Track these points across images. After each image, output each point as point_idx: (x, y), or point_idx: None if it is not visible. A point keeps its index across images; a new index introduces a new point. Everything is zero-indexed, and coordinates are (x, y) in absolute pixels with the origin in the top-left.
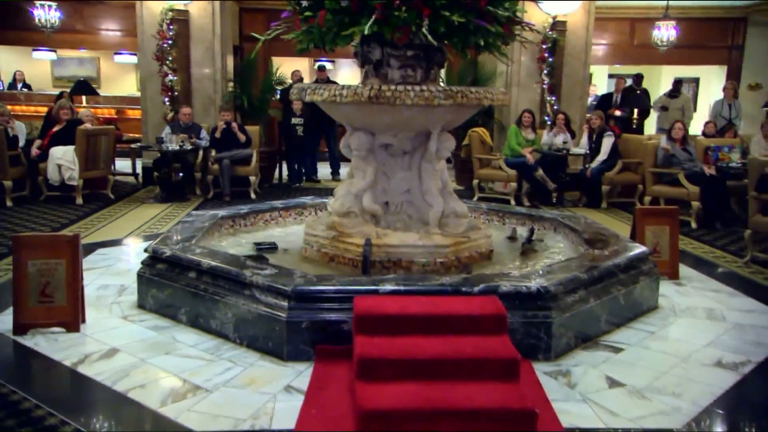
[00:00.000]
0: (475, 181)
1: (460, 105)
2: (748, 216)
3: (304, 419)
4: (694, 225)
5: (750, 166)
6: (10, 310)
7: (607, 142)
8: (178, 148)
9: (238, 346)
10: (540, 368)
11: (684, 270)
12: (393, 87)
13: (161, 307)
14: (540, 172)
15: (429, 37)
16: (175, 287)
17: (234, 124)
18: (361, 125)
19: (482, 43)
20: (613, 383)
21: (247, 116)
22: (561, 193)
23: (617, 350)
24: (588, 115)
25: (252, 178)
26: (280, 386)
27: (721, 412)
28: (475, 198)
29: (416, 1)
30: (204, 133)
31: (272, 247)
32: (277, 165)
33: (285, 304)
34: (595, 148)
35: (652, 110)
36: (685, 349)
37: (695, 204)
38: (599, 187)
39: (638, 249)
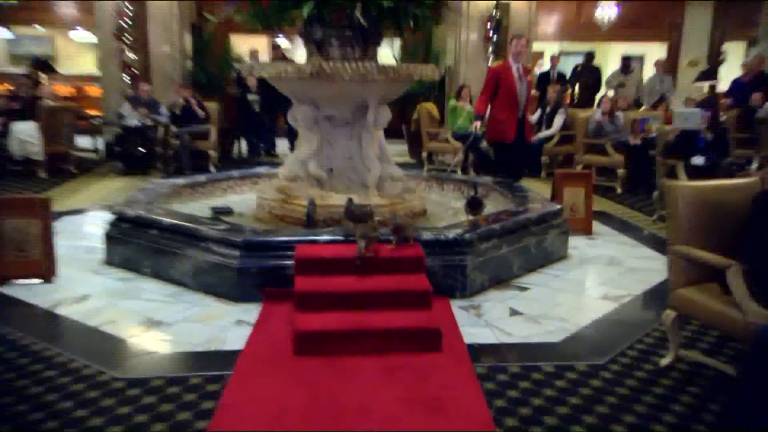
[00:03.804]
0: (425, 153)
1: (393, 80)
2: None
3: (252, 342)
4: (619, 190)
5: (658, 136)
6: None
7: (560, 119)
8: (138, 123)
9: (196, 292)
10: (456, 303)
11: (599, 227)
12: (332, 64)
13: (127, 262)
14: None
15: (362, 19)
16: (138, 243)
17: (192, 101)
18: (306, 99)
19: (413, 24)
20: (514, 313)
21: (206, 93)
22: None
23: (524, 289)
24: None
25: (211, 152)
26: (232, 320)
27: (594, 329)
28: (425, 169)
29: None
30: (164, 109)
31: (228, 211)
32: (236, 140)
33: (236, 253)
34: (547, 120)
35: (603, 86)
36: (580, 287)
37: (621, 171)
38: (540, 157)
39: (550, 206)
